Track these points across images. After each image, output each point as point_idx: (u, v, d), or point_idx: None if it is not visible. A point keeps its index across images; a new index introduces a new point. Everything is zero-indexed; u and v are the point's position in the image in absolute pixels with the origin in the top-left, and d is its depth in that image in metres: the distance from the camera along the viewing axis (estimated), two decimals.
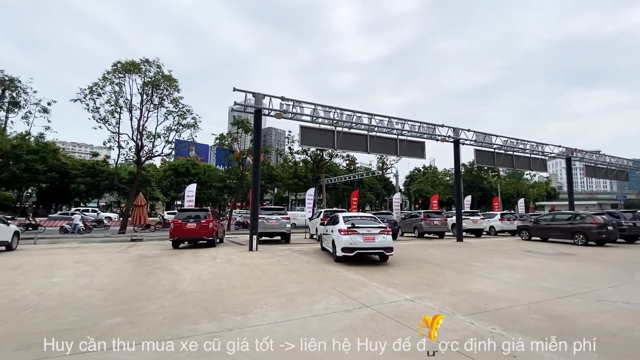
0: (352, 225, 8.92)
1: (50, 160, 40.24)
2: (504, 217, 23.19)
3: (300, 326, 4.24)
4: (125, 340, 3.70)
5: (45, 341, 3.60)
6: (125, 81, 21.42)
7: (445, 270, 8.45)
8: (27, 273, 7.84)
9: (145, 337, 3.79)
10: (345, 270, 8.16)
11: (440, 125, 17.26)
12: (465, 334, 3.99)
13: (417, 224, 19.67)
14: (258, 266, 8.82)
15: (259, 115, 13.04)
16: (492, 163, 20.24)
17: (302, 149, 34.72)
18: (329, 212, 17.13)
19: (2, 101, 20.89)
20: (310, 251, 12.14)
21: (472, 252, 12.73)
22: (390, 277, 7.47)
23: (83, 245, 14.42)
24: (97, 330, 4.03)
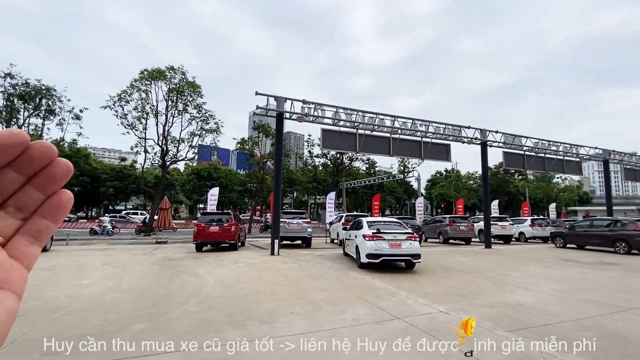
0: (377, 231, 8.61)
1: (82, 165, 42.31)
2: (534, 223, 22.00)
3: (329, 338, 4.01)
4: (150, 348, 3.61)
5: (71, 346, 3.56)
6: (151, 88, 22.18)
7: (477, 280, 7.96)
8: (59, 274, 8.06)
9: (170, 346, 3.68)
10: (371, 277, 7.86)
11: (467, 127, 16.61)
12: (514, 356, 3.62)
13: (442, 229, 18.98)
14: (280, 271, 8.67)
15: (281, 119, 13.00)
16: (522, 166, 19.26)
17: (322, 153, 34.63)
18: (351, 217, 16.82)
19: (39, 109, 22.04)
20: (332, 256, 11.89)
21: (503, 259, 12.06)
22: (419, 286, 7.10)
23: (111, 247, 14.85)
24: (123, 336, 3.98)
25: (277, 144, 13.19)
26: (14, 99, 20.87)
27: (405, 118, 15.26)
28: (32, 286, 6.69)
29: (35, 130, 23.08)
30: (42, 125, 22.83)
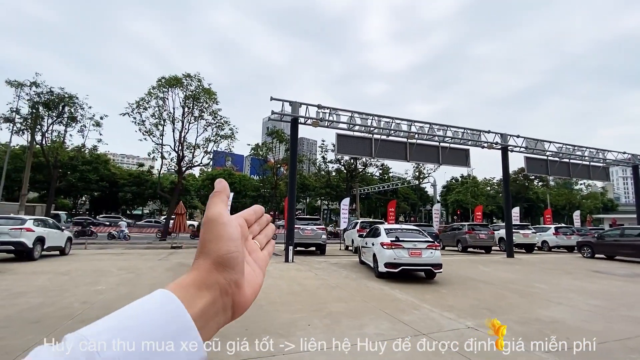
0: (395, 239, 8.27)
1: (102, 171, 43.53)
2: (559, 231, 21.02)
3: (351, 356, 3.73)
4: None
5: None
6: (168, 95, 22.56)
7: (504, 292, 7.50)
8: (75, 279, 8.07)
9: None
10: (390, 288, 7.51)
11: (486, 131, 16.08)
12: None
13: (461, 237, 18.35)
14: (296, 280, 8.43)
15: (296, 124, 12.87)
16: (545, 172, 18.49)
17: (336, 158, 34.42)
18: (366, 223, 16.46)
19: (62, 116, 22.75)
20: (348, 264, 11.57)
21: (528, 270, 11.45)
22: (443, 298, 6.71)
23: (127, 252, 14.97)
24: None
25: (291, 148, 13.06)
26: (39, 107, 21.60)
27: (422, 122, 14.90)
28: (50, 291, 6.69)
29: (58, 136, 23.85)
30: (65, 131, 23.56)
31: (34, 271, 9.09)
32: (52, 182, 23.39)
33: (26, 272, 8.84)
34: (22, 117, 21.52)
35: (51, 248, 12.40)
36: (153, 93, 22.38)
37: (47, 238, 11.85)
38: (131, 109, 22.24)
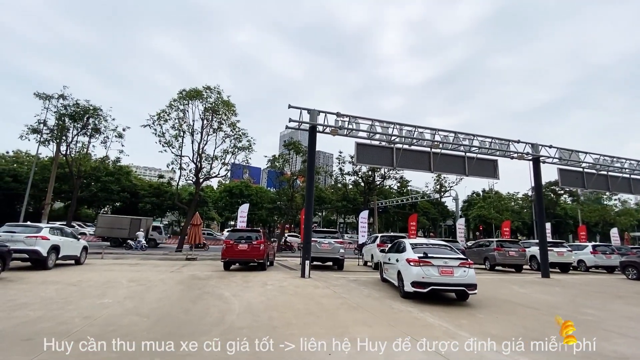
0: (424, 255, 7.48)
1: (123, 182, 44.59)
2: (597, 250, 19.30)
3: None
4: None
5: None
6: (188, 107, 22.83)
7: (550, 318, 6.52)
8: (83, 290, 7.72)
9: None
10: (419, 310, 6.70)
11: (516, 141, 15.09)
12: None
13: (489, 254, 17.11)
14: (313, 298, 7.75)
15: (314, 133, 12.43)
16: (581, 185, 17.12)
17: (354, 170, 33.76)
18: (386, 238, 15.62)
19: (86, 128, 23.39)
20: (368, 282, 10.77)
21: (570, 293, 10.27)
22: (481, 324, 5.86)
23: (142, 262, 14.72)
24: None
25: (309, 157, 12.59)
26: (65, 118, 22.30)
27: (447, 131, 14.14)
28: (54, 303, 6.33)
29: (82, 147, 24.51)
30: (88, 142, 24.18)
31: (44, 281, 8.84)
32: (74, 191, 23.88)
33: (36, 282, 8.60)
34: (49, 129, 22.25)
35: (66, 257, 12.26)
36: (174, 105, 22.72)
37: (62, 247, 11.71)
38: (152, 120, 22.61)
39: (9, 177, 38.60)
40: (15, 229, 11.00)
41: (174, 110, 22.74)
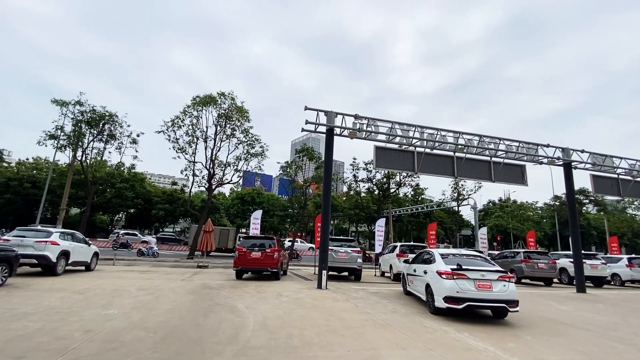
0: (458, 267, 6.72)
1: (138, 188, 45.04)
2: (632, 263, 17.91)
3: None
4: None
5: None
6: (202, 114, 22.72)
7: (609, 342, 5.67)
8: (89, 300, 7.26)
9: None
10: (456, 330, 5.93)
11: (545, 145, 14.16)
12: None
13: (516, 266, 16.00)
14: (333, 312, 7.06)
15: (331, 135, 11.88)
16: (617, 192, 15.95)
17: (368, 177, 33.01)
18: (406, 247, 14.80)
19: (102, 134, 23.54)
20: (391, 295, 9.99)
21: (618, 311, 9.24)
22: (533, 348, 5.06)
23: (153, 270, 14.32)
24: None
25: (326, 161, 12.02)
26: (82, 125, 22.50)
27: (471, 134, 13.37)
28: (56, 314, 5.86)
29: (97, 153, 24.67)
30: (104, 148, 24.32)
31: (50, 288, 8.45)
32: (89, 197, 23.93)
33: (42, 289, 8.21)
34: (66, 135, 22.46)
35: (76, 263, 11.95)
36: (188, 112, 22.65)
37: (72, 252, 11.40)
38: (166, 126, 22.57)
39: (28, 183, 39.53)
40: (25, 233, 10.73)
41: (187, 117, 22.67)
